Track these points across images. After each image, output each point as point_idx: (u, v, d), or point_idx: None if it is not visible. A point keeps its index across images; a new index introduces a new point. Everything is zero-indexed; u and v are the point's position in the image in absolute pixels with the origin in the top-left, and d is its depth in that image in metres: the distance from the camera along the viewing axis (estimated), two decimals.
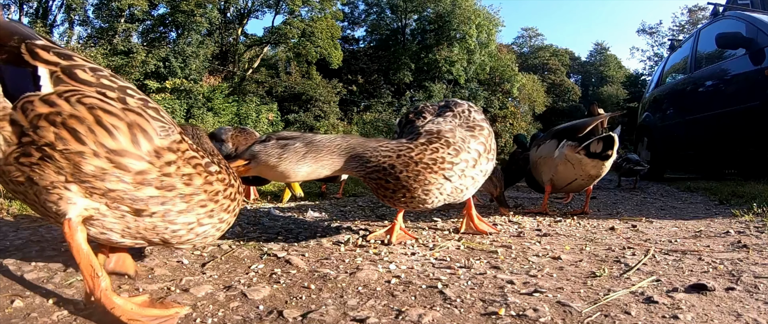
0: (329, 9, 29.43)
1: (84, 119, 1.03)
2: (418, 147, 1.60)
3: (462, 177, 1.68)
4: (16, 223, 2.27)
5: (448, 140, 1.66)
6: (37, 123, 1.01)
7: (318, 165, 1.56)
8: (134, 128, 1.08)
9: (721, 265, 1.59)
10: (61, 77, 1.07)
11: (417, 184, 1.58)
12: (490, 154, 1.81)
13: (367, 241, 1.97)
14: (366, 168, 1.59)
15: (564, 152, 2.84)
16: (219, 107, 22.71)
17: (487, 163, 1.79)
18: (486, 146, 1.78)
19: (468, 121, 1.81)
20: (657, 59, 39.28)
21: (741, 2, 7.00)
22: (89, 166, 1.03)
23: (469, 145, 1.70)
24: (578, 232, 2.31)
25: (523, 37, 49.26)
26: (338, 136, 1.63)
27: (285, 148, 1.52)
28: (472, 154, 1.70)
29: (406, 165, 1.57)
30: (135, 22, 25.15)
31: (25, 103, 1.02)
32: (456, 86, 32.09)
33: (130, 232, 1.15)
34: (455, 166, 1.64)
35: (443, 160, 1.61)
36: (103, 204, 1.08)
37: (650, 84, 8.62)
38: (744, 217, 2.69)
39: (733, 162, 6.04)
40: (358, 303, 1.19)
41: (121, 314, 1.02)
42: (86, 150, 1.03)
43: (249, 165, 1.53)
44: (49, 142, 1.01)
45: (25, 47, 1.07)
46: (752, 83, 4.95)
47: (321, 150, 1.55)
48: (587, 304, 1.19)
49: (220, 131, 3.59)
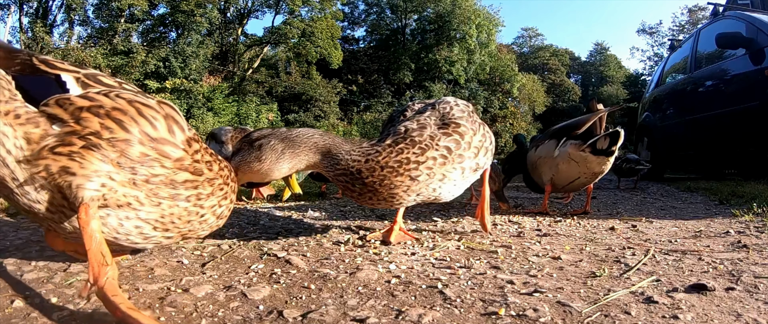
0: (329, 9, 29.43)
1: (127, 111, 1.12)
2: (385, 150, 1.61)
3: (432, 175, 1.65)
4: (16, 223, 2.27)
5: (414, 139, 1.63)
6: (79, 115, 1.07)
7: (296, 160, 1.59)
8: (169, 120, 1.19)
9: (721, 265, 1.59)
10: (87, 81, 1.15)
11: (382, 187, 1.61)
12: (469, 151, 1.75)
13: (367, 241, 1.97)
14: (336, 169, 1.62)
15: (567, 151, 2.83)
16: (219, 107, 22.72)
17: (466, 160, 1.74)
18: (461, 143, 1.71)
19: (445, 119, 1.76)
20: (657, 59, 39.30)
21: (741, 2, 7.01)
22: (135, 152, 1.11)
23: (439, 142, 1.66)
24: (578, 232, 2.31)
25: (523, 37, 49.27)
26: (316, 132, 1.65)
27: (262, 149, 1.54)
28: (441, 151, 1.66)
29: (372, 171, 1.59)
30: (135, 22, 25.15)
31: (59, 100, 1.09)
32: (456, 86, 32.09)
33: (164, 221, 1.23)
34: (422, 165, 1.62)
35: (408, 160, 1.60)
36: (142, 192, 1.16)
37: (650, 84, 8.62)
38: (744, 217, 2.69)
39: (733, 162, 6.04)
40: (358, 303, 1.19)
41: (121, 303, 1.01)
42: (132, 137, 1.11)
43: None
44: (95, 130, 1.07)
45: (37, 59, 1.14)
46: (752, 83, 4.96)
47: (298, 145, 1.58)
48: (587, 304, 1.19)
49: (220, 132, 3.52)
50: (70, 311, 1.10)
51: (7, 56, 1.14)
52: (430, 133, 1.67)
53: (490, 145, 1.91)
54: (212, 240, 1.93)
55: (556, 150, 2.91)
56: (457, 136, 1.71)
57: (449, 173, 1.71)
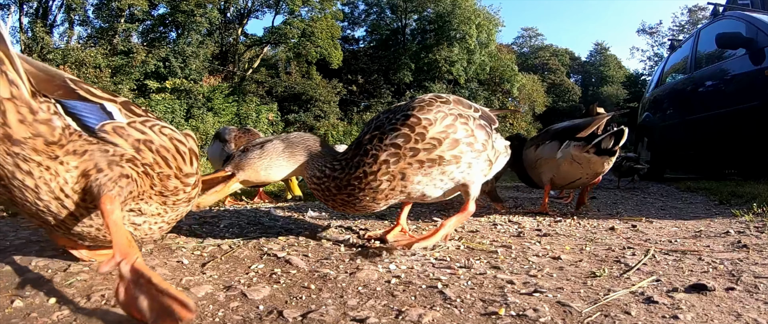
0: (329, 9, 29.45)
1: (169, 149, 1.34)
2: (344, 170, 1.62)
3: (393, 180, 1.61)
4: (16, 223, 2.27)
5: (367, 149, 1.61)
6: (138, 146, 1.26)
7: (294, 162, 1.68)
8: (192, 153, 1.42)
9: (721, 265, 1.59)
10: (124, 111, 1.29)
11: (350, 198, 1.65)
12: (423, 143, 1.61)
13: (366, 240, 1.97)
14: (313, 180, 1.68)
15: (570, 152, 2.84)
16: (219, 107, 22.73)
17: (421, 153, 1.62)
18: (412, 138, 1.59)
19: (394, 118, 1.65)
20: (657, 59, 39.31)
21: (741, 2, 7.01)
22: (171, 185, 1.38)
23: (386, 142, 1.59)
24: (578, 232, 2.31)
25: (523, 37, 49.32)
26: (310, 137, 1.72)
27: (263, 148, 1.65)
28: (389, 151, 1.59)
29: (338, 188, 1.64)
30: (135, 22, 25.17)
31: (116, 128, 1.24)
32: (456, 86, 32.11)
33: (171, 222, 1.50)
34: (378, 174, 1.59)
35: (365, 174, 1.59)
36: (168, 208, 1.43)
37: (650, 84, 8.63)
38: (744, 217, 2.69)
39: (733, 162, 6.04)
40: (358, 303, 1.19)
41: (153, 276, 1.05)
42: (171, 173, 1.36)
43: (234, 174, 1.66)
44: (149, 163, 1.29)
45: (73, 83, 1.24)
46: (752, 83, 4.96)
47: (297, 147, 1.68)
48: (587, 304, 1.19)
49: (223, 131, 3.65)
50: (70, 311, 1.10)
51: (48, 80, 1.19)
52: (375, 135, 1.63)
53: (470, 138, 1.71)
54: (212, 240, 1.93)
55: (559, 152, 2.91)
56: (405, 134, 1.60)
57: (409, 170, 1.62)
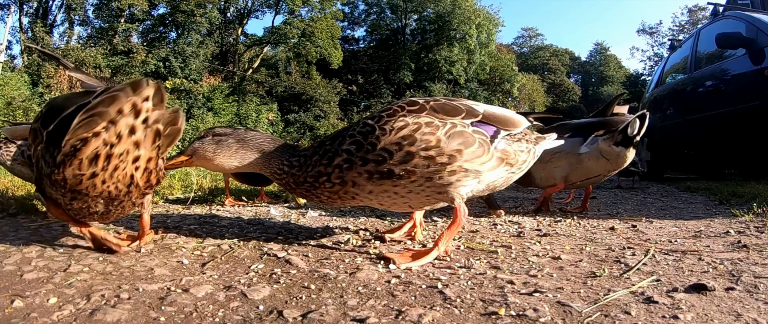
0: (329, 9, 29.44)
1: None
2: (302, 167, 1.67)
3: (345, 185, 1.61)
4: (16, 223, 2.27)
5: (326, 149, 1.63)
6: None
7: (244, 160, 1.73)
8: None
9: (721, 265, 1.59)
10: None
11: (307, 193, 1.71)
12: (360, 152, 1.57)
13: (366, 240, 1.97)
14: (274, 176, 1.75)
15: (599, 146, 2.81)
16: (219, 107, 22.72)
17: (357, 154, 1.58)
18: (365, 147, 1.55)
19: (360, 123, 1.63)
20: (657, 59, 39.30)
21: (741, 2, 7.01)
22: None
23: (343, 147, 1.59)
24: (578, 232, 2.31)
25: (523, 37, 49.31)
26: (268, 137, 1.77)
27: (219, 144, 1.72)
28: (343, 156, 1.58)
29: (296, 183, 1.70)
30: (135, 22, 25.17)
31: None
32: (456, 86, 32.11)
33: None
34: (331, 177, 1.61)
35: (319, 174, 1.63)
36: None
37: (650, 84, 8.63)
38: (744, 217, 2.69)
39: (733, 162, 6.04)
40: (358, 303, 1.19)
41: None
42: None
43: (191, 159, 1.75)
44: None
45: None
46: (752, 83, 4.96)
47: (250, 147, 1.73)
48: (587, 304, 1.19)
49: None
50: (70, 311, 1.10)
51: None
52: (337, 139, 1.65)
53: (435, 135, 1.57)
54: (212, 240, 1.93)
55: (584, 146, 2.86)
56: (360, 135, 1.58)
57: (361, 178, 1.58)
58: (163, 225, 2.29)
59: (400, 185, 1.58)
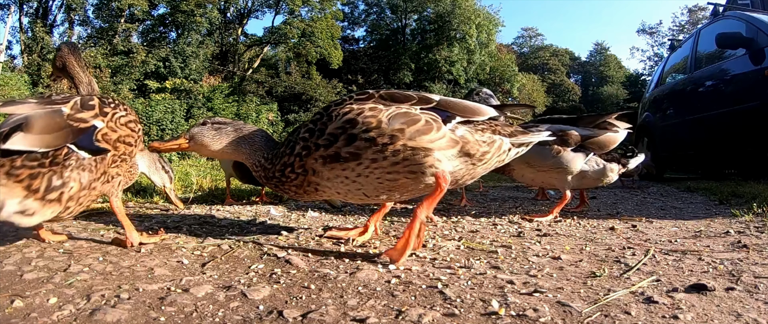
0: (329, 9, 29.41)
1: None
2: (272, 161, 1.75)
3: (306, 174, 1.69)
4: None
5: (289, 139, 1.73)
6: None
7: (237, 151, 1.82)
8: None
9: (721, 265, 1.59)
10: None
11: (277, 188, 1.79)
12: (311, 144, 1.65)
13: (367, 240, 1.97)
14: (253, 168, 1.83)
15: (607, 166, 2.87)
16: (219, 107, 22.69)
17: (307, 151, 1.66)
18: (316, 132, 1.64)
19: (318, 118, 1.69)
20: (657, 59, 39.31)
21: (741, 2, 7.01)
22: None
23: (301, 135, 1.68)
24: (578, 232, 2.31)
25: (523, 37, 49.31)
26: (263, 133, 1.86)
27: (218, 131, 1.82)
28: (300, 144, 1.68)
29: (267, 178, 1.78)
30: (135, 22, 25.14)
31: None
32: (456, 86, 32.08)
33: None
34: (294, 167, 1.69)
35: (284, 165, 1.71)
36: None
37: (650, 84, 8.62)
38: (744, 217, 2.69)
39: (733, 162, 6.04)
40: (358, 303, 1.19)
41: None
42: None
43: (189, 143, 1.83)
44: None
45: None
46: (752, 83, 4.95)
47: (244, 139, 1.82)
48: (587, 304, 1.19)
49: None
50: (70, 311, 1.10)
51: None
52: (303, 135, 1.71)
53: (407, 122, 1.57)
54: (212, 240, 1.93)
55: (584, 164, 2.83)
56: (311, 125, 1.68)
57: (320, 170, 1.66)
58: (163, 225, 2.29)
59: (349, 168, 1.61)
